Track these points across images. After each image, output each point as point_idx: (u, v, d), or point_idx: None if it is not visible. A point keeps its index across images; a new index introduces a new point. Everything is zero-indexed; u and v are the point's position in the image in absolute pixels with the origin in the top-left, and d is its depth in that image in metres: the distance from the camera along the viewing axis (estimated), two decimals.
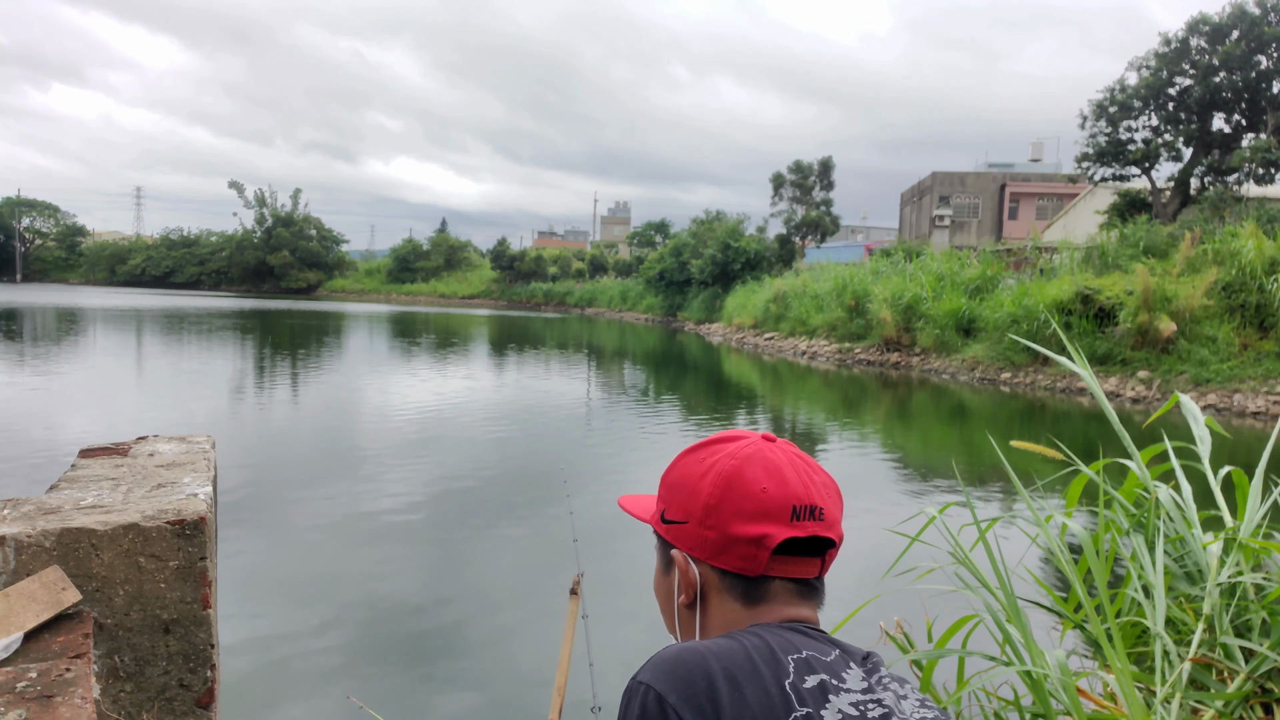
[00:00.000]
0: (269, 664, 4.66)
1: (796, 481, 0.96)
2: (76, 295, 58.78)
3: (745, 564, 0.95)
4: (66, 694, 1.37)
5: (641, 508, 1.14)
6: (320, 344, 27.46)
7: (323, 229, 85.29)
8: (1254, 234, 18.23)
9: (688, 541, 0.98)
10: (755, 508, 0.94)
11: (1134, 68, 29.81)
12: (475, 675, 4.66)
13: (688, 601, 0.99)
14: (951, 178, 45.21)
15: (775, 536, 0.93)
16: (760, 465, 0.97)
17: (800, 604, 0.97)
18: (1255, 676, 2.16)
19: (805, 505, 0.95)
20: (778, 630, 0.91)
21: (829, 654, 0.90)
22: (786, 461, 0.98)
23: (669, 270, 48.72)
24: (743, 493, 0.95)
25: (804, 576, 0.97)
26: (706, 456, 1.00)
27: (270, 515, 7.39)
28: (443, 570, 6.37)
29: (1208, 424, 2.81)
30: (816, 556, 0.98)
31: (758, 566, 0.94)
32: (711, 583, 0.98)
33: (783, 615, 0.96)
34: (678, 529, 1.00)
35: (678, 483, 1.01)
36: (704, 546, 0.97)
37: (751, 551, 0.94)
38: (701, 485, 0.97)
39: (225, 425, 11.59)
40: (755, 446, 0.99)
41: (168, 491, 1.91)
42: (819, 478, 1.00)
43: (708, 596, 0.98)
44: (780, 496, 0.94)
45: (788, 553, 0.95)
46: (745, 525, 0.94)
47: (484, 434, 11.92)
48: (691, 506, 0.98)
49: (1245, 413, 15.53)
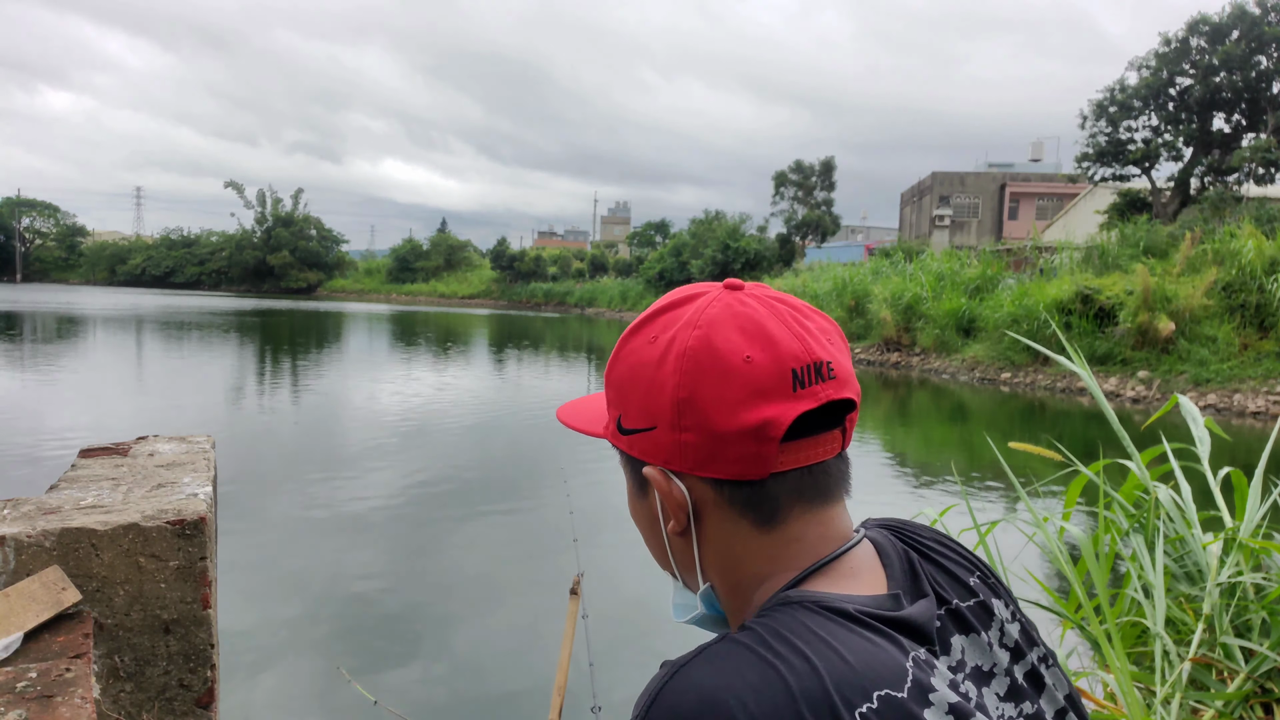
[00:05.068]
0: (269, 664, 4.66)
1: (787, 335, 0.71)
2: (76, 295, 58.79)
3: (746, 467, 0.70)
4: (66, 694, 1.37)
5: (588, 418, 0.85)
6: (320, 344, 27.47)
7: (323, 229, 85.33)
8: (1253, 234, 18.23)
9: (662, 453, 0.73)
10: (742, 387, 0.69)
11: (1134, 67, 29.85)
12: (475, 675, 4.66)
13: (679, 528, 0.74)
14: (951, 178, 45.23)
15: (779, 419, 0.68)
16: (733, 327, 0.71)
17: (827, 513, 0.73)
18: (1255, 676, 2.16)
19: (808, 364, 0.70)
20: (823, 629, 0.64)
21: (897, 660, 0.63)
22: (766, 312, 0.72)
23: (669, 270, 48.78)
24: (720, 371, 0.69)
25: (823, 458, 0.72)
26: (658, 333, 0.73)
27: (269, 514, 7.39)
28: (442, 571, 6.37)
29: (1207, 425, 2.82)
30: (834, 427, 0.73)
31: (764, 465, 0.70)
32: (705, 499, 0.73)
33: (811, 548, 0.72)
34: (644, 439, 0.74)
35: (630, 377, 0.75)
36: (684, 456, 0.71)
37: (751, 449, 0.69)
38: (663, 375, 0.71)
39: (226, 425, 11.59)
40: (720, 303, 0.73)
41: (168, 491, 1.92)
42: (813, 322, 0.74)
43: (703, 517, 0.73)
44: (772, 362, 0.69)
45: (798, 434, 0.70)
46: (734, 415, 0.68)
47: (483, 434, 11.92)
48: (655, 406, 0.72)
49: (1245, 413, 15.53)
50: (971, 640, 0.73)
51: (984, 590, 0.77)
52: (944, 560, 0.78)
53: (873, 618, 0.66)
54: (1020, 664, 0.75)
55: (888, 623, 0.67)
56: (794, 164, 44.81)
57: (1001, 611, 0.77)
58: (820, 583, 0.71)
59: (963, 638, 0.73)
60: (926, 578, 0.75)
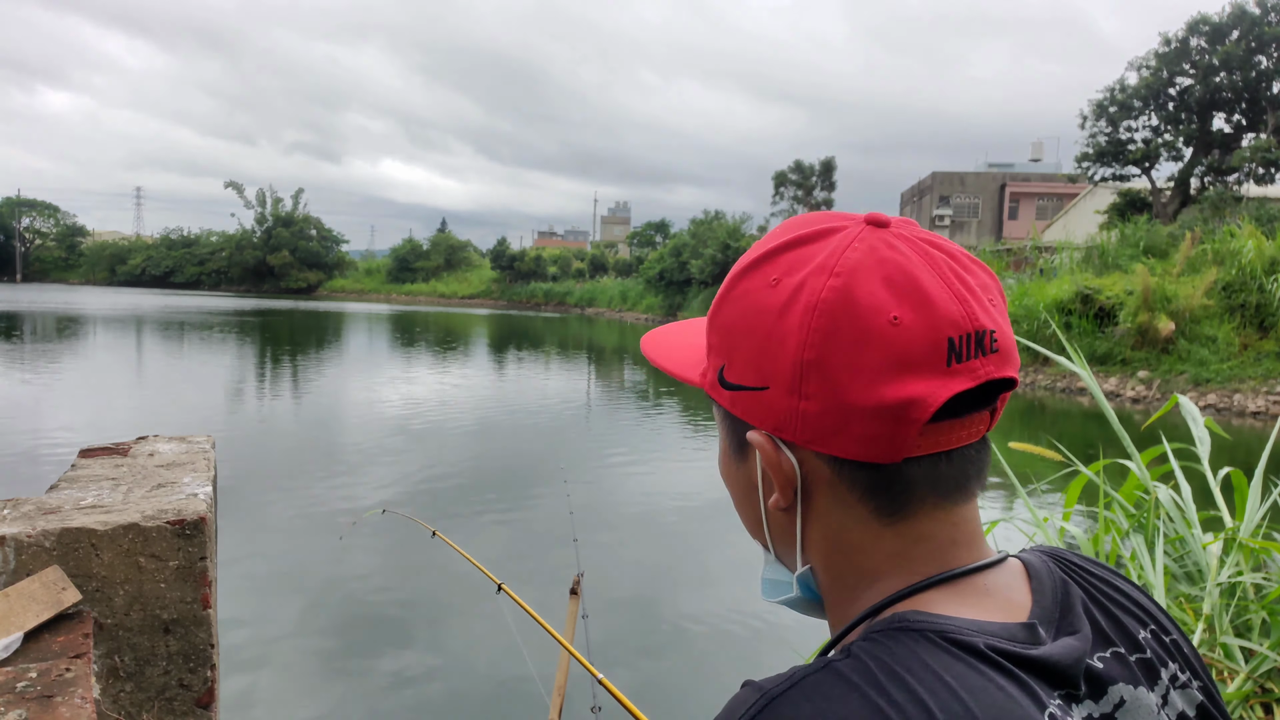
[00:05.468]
0: (269, 663, 4.66)
1: (946, 294, 0.57)
2: (76, 295, 58.80)
3: (875, 448, 0.57)
4: (66, 694, 1.37)
5: (679, 357, 0.71)
6: (321, 344, 27.47)
7: (323, 229, 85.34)
8: (1253, 234, 18.24)
9: (771, 418, 0.60)
10: (885, 356, 0.55)
11: (1134, 67, 29.86)
12: (475, 674, 4.66)
13: (784, 503, 0.62)
14: (951, 178, 45.24)
15: (927, 399, 0.55)
16: (879, 277, 0.57)
17: (960, 512, 0.61)
18: (1255, 676, 2.16)
19: (969, 333, 0.56)
20: (946, 669, 0.52)
21: (1029, 714, 0.51)
22: (920, 259, 0.58)
23: (669, 270, 48.78)
24: (860, 332, 0.56)
25: (966, 443, 0.59)
26: (782, 275, 0.60)
27: (269, 514, 7.39)
28: (440, 570, 6.37)
29: (1207, 425, 2.82)
30: (985, 408, 0.60)
31: (898, 449, 0.57)
32: (818, 476, 0.60)
33: (940, 551, 0.60)
34: (751, 398, 0.61)
35: (741, 323, 0.61)
36: (800, 425, 0.58)
37: (886, 429, 0.56)
38: (784, 328, 0.58)
39: (226, 425, 11.59)
40: (864, 244, 0.59)
41: (168, 491, 1.92)
42: (975, 276, 0.59)
43: (813, 495, 0.61)
44: (925, 327, 0.55)
45: (944, 415, 0.57)
46: (872, 388, 0.55)
47: (483, 433, 11.92)
48: (771, 363, 0.59)
49: (1245, 413, 15.54)
50: (1138, 692, 0.60)
51: (1155, 649, 0.63)
52: (1112, 605, 0.65)
53: (1005, 656, 0.54)
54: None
55: (1022, 663, 0.55)
56: (794, 164, 44.89)
57: (1170, 678, 0.63)
58: (945, 597, 0.58)
59: (1128, 688, 0.59)
60: (1086, 617, 0.62)
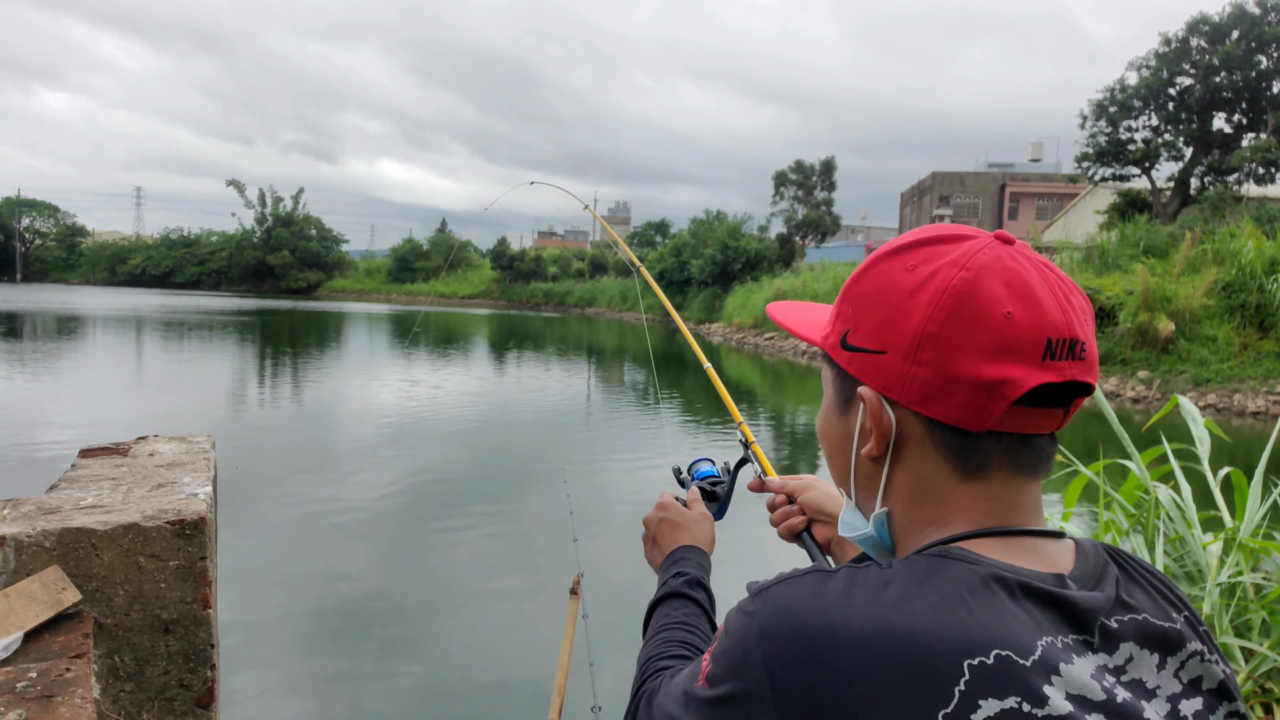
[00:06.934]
0: (268, 663, 4.66)
1: (1052, 303, 0.69)
2: (76, 295, 58.79)
3: (968, 415, 0.69)
4: (66, 694, 1.37)
5: (801, 320, 0.87)
6: (321, 344, 27.46)
7: (323, 229, 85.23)
8: (1253, 234, 18.24)
9: (884, 377, 0.72)
10: (994, 340, 0.67)
11: (1134, 67, 29.84)
12: (475, 674, 4.66)
13: (876, 453, 0.74)
14: (951, 177, 45.24)
15: (1021, 382, 0.67)
16: (1001, 279, 0.69)
17: (1027, 486, 0.72)
18: (1255, 676, 2.16)
19: (1065, 337, 0.68)
20: (967, 587, 0.64)
21: (1030, 633, 0.62)
22: (1036, 274, 0.70)
23: (669, 270, 48.72)
24: (977, 318, 0.68)
25: (1040, 431, 0.71)
26: (919, 263, 0.72)
27: (270, 513, 7.39)
28: (442, 570, 6.37)
29: (1207, 425, 2.82)
30: (1061, 406, 0.71)
31: (986, 419, 0.68)
32: (912, 433, 0.72)
33: (1003, 512, 0.71)
34: (868, 360, 0.74)
35: (874, 297, 0.74)
36: (909, 387, 0.71)
37: (980, 400, 0.68)
38: (914, 304, 0.70)
39: (226, 425, 11.59)
40: (991, 251, 0.71)
41: (168, 491, 1.91)
42: (1077, 299, 0.72)
43: (903, 449, 0.73)
44: (1031, 325, 0.68)
45: (1029, 401, 0.69)
46: (977, 364, 0.67)
47: (483, 433, 11.92)
48: (896, 332, 0.71)
49: (1245, 413, 15.54)
50: (1146, 654, 0.68)
51: (1185, 626, 0.72)
52: (1149, 588, 0.74)
53: (1024, 590, 0.65)
54: (1189, 701, 0.69)
55: (1040, 598, 0.65)
56: (794, 164, 44.80)
57: (1193, 648, 0.71)
58: (993, 546, 0.69)
59: (1136, 647, 0.68)
60: (1118, 589, 0.70)
